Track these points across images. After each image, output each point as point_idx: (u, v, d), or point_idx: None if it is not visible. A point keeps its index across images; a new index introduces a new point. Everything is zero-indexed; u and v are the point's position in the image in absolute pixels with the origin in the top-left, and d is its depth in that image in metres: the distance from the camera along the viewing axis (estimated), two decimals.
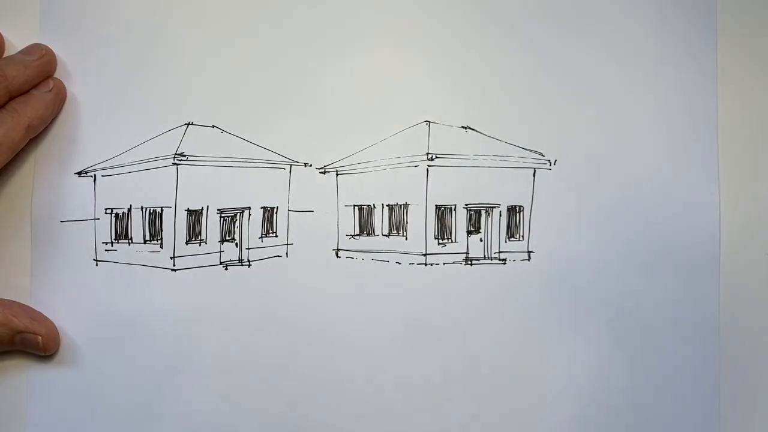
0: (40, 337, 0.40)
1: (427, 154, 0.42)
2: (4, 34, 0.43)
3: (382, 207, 0.43)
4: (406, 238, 0.43)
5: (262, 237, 0.43)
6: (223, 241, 0.43)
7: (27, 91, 0.41)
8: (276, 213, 0.43)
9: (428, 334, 0.42)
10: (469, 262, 0.43)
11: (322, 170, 0.43)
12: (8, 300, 0.41)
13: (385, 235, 0.43)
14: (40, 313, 0.41)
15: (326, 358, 0.42)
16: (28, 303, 0.42)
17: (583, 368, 0.42)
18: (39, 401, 0.42)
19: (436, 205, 0.43)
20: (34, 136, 0.41)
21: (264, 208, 0.43)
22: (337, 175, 0.43)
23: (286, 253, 0.43)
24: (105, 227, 0.42)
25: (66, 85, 0.42)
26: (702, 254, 0.43)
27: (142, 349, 0.42)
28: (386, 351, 0.42)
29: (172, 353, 0.42)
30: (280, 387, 0.42)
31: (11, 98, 0.41)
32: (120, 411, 0.41)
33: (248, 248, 0.43)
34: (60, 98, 0.42)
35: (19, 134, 0.40)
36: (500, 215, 0.43)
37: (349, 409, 0.42)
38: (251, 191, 0.43)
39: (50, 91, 0.41)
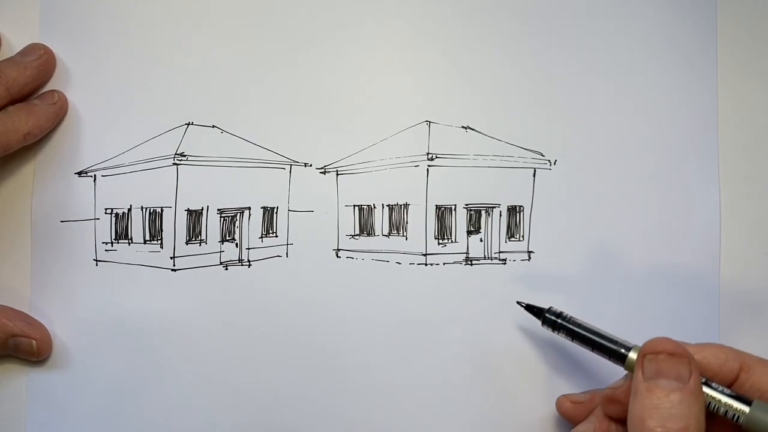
0: (34, 341, 0.40)
1: (427, 154, 0.42)
2: (4, 35, 0.43)
3: (382, 207, 0.43)
4: (406, 238, 0.43)
5: (262, 237, 0.43)
6: (223, 241, 0.43)
7: (29, 94, 0.42)
8: (276, 213, 0.43)
9: (428, 334, 0.42)
10: (469, 262, 0.43)
11: (322, 170, 0.43)
12: (1, 305, 0.41)
13: (385, 235, 0.43)
14: (33, 317, 0.41)
15: (326, 357, 0.42)
16: (27, 303, 0.42)
17: (583, 368, 0.42)
18: (38, 403, 0.42)
19: (436, 205, 0.43)
20: (32, 142, 0.41)
21: (264, 208, 0.43)
22: (337, 175, 0.43)
23: (286, 253, 0.43)
24: (105, 227, 0.42)
25: (66, 85, 0.42)
26: (702, 254, 0.43)
27: (141, 349, 0.42)
28: (386, 351, 0.42)
29: (172, 353, 0.42)
30: (280, 386, 0.42)
31: (12, 100, 0.41)
32: (120, 411, 0.41)
33: (248, 248, 0.43)
34: (62, 112, 0.42)
35: (15, 139, 0.40)
36: (500, 215, 0.43)
37: (348, 408, 0.42)
38: (251, 191, 0.43)
39: (54, 104, 0.42)
